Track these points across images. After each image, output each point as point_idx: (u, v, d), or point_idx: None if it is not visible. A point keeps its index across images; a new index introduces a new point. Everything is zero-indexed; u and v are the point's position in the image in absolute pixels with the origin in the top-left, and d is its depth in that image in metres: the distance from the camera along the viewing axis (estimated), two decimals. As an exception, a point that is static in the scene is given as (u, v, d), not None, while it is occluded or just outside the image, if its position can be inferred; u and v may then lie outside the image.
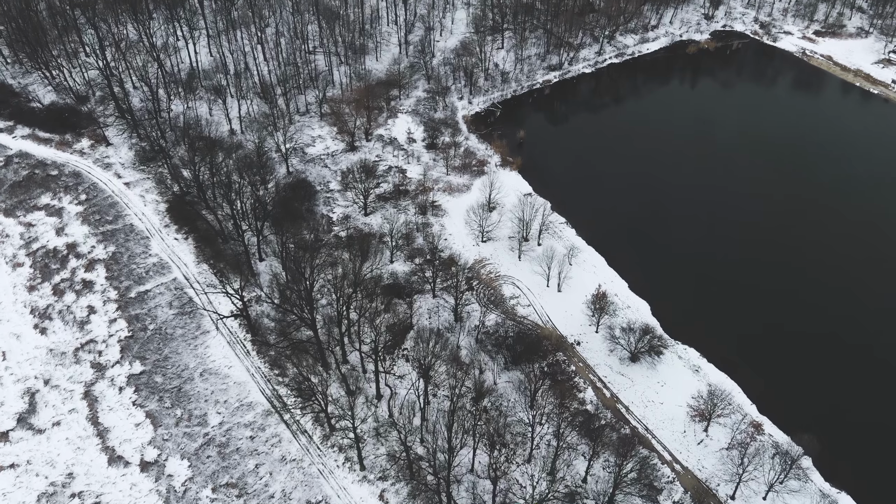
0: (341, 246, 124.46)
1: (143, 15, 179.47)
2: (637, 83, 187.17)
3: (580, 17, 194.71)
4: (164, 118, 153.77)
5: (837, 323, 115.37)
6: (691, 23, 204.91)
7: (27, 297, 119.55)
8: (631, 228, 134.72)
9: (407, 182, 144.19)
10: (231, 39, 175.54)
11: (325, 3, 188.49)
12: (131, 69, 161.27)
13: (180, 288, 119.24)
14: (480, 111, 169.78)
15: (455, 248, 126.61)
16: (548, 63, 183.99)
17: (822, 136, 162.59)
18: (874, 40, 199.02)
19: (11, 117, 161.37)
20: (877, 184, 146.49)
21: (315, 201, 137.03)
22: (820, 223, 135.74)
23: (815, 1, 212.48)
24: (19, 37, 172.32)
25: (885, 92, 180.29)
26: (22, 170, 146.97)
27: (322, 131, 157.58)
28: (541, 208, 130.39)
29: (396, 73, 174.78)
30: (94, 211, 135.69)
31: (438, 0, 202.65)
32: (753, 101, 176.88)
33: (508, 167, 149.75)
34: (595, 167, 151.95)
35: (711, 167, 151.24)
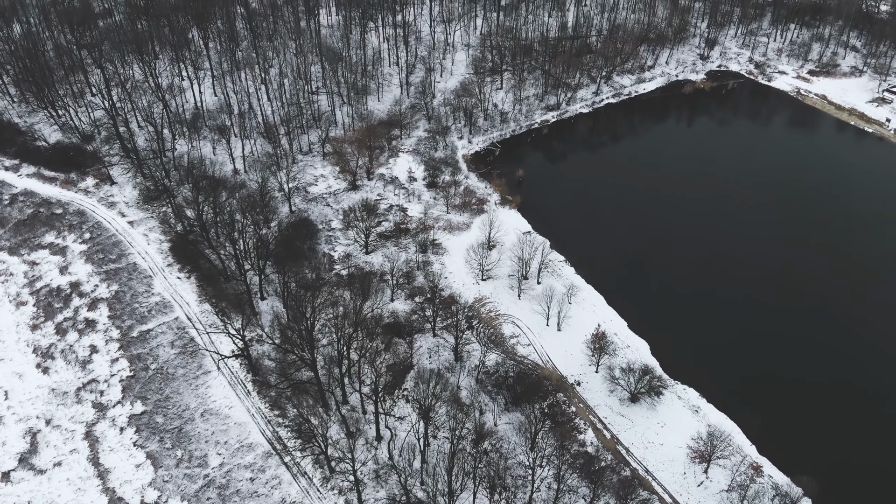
0: (342, 284, 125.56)
1: (149, 56, 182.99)
2: (634, 122, 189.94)
3: (577, 58, 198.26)
4: (169, 158, 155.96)
5: (837, 363, 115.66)
6: (687, 63, 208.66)
7: (30, 335, 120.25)
8: (629, 267, 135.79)
9: (408, 220, 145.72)
10: (235, 80, 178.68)
11: (328, 44, 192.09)
12: (137, 110, 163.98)
13: (182, 327, 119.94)
14: (480, 150, 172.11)
15: (455, 287, 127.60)
16: (546, 103, 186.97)
17: (819, 175, 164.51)
18: (868, 79, 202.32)
19: (17, 156, 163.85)
20: (875, 222, 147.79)
21: (317, 240, 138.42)
22: (818, 261, 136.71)
23: (810, 41, 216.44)
24: (26, 76, 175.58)
25: (880, 130, 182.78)
26: (27, 208, 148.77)
27: (324, 170, 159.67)
28: (540, 247, 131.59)
29: (398, 113, 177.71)
30: (98, 249, 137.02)
31: (439, 42, 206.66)
32: (750, 140, 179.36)
33: (508, 205, 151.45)
34: (593, 205, 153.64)
35: (709, 205, 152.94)
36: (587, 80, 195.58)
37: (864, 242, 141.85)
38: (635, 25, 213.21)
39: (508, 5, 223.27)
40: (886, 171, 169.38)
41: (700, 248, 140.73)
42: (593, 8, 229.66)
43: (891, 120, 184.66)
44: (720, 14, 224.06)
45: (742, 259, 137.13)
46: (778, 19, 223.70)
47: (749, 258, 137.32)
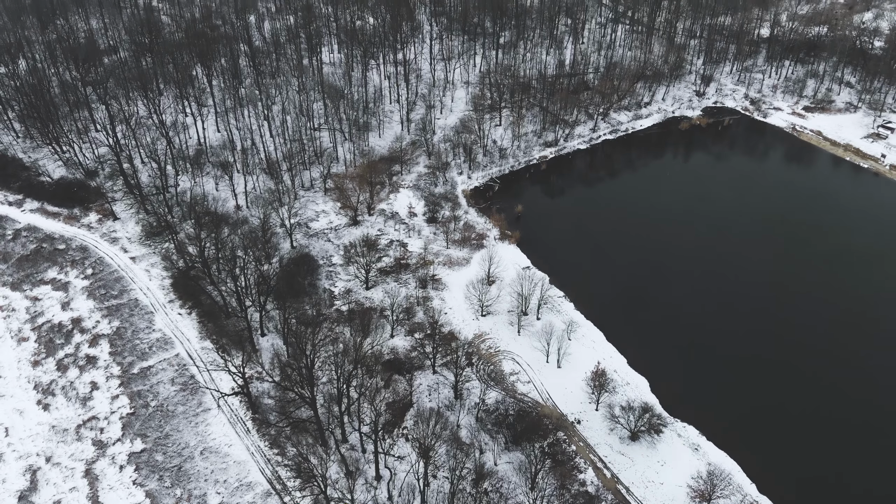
0: (342, 320, 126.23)
1: (153, 93, 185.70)
2: (631, 158, 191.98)
3: (575, 95, 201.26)
4: (172, 194, 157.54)
5: (836, 399, 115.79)
6: (683, 99, 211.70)
7: (31, 372, 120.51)
8: (628, 302, 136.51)
9: (408, 256, 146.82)
10: (238, 117, 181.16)
11: (330, 82, 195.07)
12: (140, 146, 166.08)
13: (183, 364, 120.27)
14: (479, 186, 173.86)
15: (455, 323, 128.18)
16: (544, 139, 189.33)
17: (816, 210, 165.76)
18: (863, 115, 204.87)
19: (21, 191, 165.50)
20: (873, 258, 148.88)
21: (318, 275, 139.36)
22: (816, 297, 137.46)
23: (804, 77, 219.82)
24: (31, 112, 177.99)
25: (875, 166, 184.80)
26: (30, 243, 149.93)
27: (326, 206, 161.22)
28: (539, 282, 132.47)
29: (398, 149, 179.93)
30: (100, 285, 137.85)
31: (439, 80, 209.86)
32: (746, 176, 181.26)
33: (507, 240, 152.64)
34: (592, 240, 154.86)
35: (707, 240, 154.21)
36: (584, 117, 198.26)
37: (863, 278, 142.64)
38: (632, 63, 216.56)
39: (507, 44, 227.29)
40: (883, 206, 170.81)
41: (698, 283, 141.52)
42: (590, 46, 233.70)
43: (886, 155, 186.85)
44: (715, 51, 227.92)
45: (740, 294, 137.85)
46: (773, 56, 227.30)
47: (747, 293, 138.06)
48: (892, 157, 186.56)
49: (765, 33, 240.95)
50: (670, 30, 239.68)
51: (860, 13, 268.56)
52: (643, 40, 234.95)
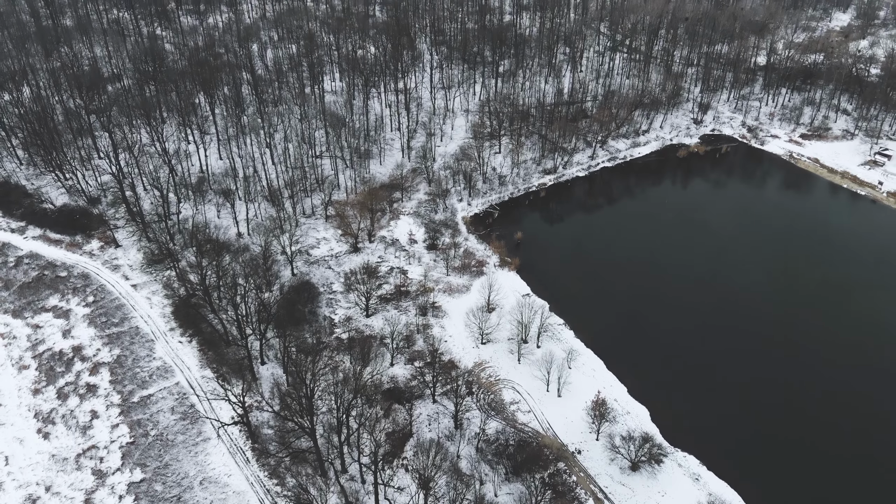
0: (343, 349, 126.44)
1: (157, 121, 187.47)
2: (630, 185, 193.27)
3: (573, 123, 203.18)
4: (174, 221, 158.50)
5: (839, 428, 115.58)
6: (681, 127, 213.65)
7: (31, 400, 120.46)
8: (628, 330, 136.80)
9: (408, 283, 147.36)
10: (241, 145, 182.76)
11: (331, 110, 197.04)
12: (143, 174, 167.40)
13: (183, 393, 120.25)
14: (479, 213, 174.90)
15: (455, 351, 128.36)
16: (543, 167, 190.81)
17: (815, 238, 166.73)
18: (860, 142, 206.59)
19: (24, 218, 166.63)
20: (873, 285, 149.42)
21: (318, 303, 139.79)
22: (816, 324, 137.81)
23: (801, 105, 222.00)
24: (35, 140, 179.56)
25: (873, 193, 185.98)
26: (32, 271, 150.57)
27: (327, 233, 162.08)
28: (539, 310, 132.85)
29: (399, 176, 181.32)
30: (101, 313, 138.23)
31: (439, 108, 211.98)
32: (744, 203, 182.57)
33: (507, 267, 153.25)
34: (591, 267, 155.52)
35: (706, 267, 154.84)
36: (583, 145, 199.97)
37: (864, 306, 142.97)
38: (630, 91, 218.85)
39: (506, 72, 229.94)
40: (881, 233, 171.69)
41: (698, 310, 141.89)
42: (588, 74, 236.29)
43: (883, 182, 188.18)
44: (713, 80, 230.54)
45: (740, 322, 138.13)
46: (769, 84, 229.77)
47: (747, 321, 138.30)
48: (889, 184, 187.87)
49: (761, 61, 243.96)
50: (668, 58, 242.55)
51: (856, 41, 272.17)
52: (641, 69, 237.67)
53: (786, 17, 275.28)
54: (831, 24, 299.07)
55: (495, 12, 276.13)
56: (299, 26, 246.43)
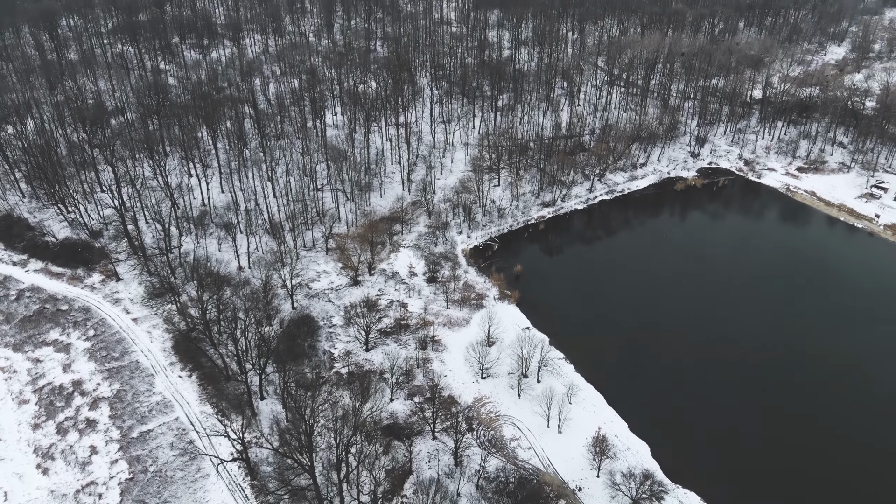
0: (342, 384, 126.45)
1: (159, 154, 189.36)
2: (628, 217, 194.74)
3: (571, 156, 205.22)
4: (175, 254, 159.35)
5: (842, 463, 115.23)
6: (678, 160, 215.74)
7: (31, 435, 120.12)
8: (628, 363, 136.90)
9: (408, 316, 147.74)
10: (243, 178, 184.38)
11: (333, 144, 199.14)
12: (145, 208, 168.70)
13: (182, 428, 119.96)
14: (479, 245, 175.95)
15: (455, 386, 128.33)
16: (542, 199, 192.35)
17: (813, 270, 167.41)
18: (856, 175, 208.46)
19: (26, 251, 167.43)
20: (872, 318, 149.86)
21: (318, 337, 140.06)
22: (816, 358, 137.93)
23: (797, 138, 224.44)
24: (38, 173, 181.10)
25: (870, 226, 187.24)
26: (33, 304, 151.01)
27: (327, 266, 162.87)
28: (539, 344, 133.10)
29: (399, 209, 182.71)
30: (102, 347, 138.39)
31: (439, 141, 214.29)
32: (743, 236, 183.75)
33: (506, 300, 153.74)
34: (591, 300, 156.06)
35: (705, 300, 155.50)
36: (581, 178, 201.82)
37: (863, 339, 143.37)
38: (627, 125, 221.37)
39: (505, 106, 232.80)
40: (880, 266, 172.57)
41: (698, 344, 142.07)
42: (586, 108, 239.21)
43: (880, 216, 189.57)
44: (709, 113, 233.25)
45: (740, 356, 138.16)
46: (765, 117, 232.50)
47: (747, 354, 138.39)
48: (886, 216, 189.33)
49: (757, 95, 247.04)
50: (664, 92, 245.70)
51: (851, 74, 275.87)
52: (638, 102, 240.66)
53: (781, 51, 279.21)
54: (826, 57, 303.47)
55: (494, 48, 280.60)
56: (301, 61, 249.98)
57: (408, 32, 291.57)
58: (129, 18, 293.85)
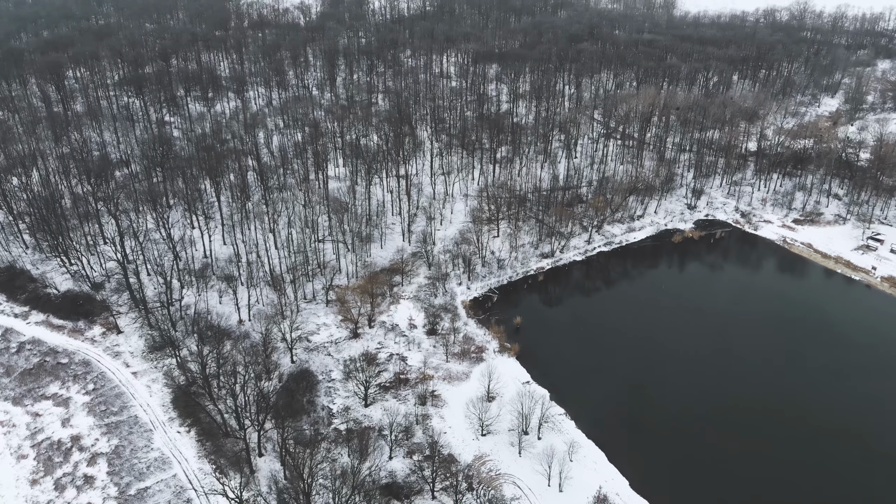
0: (341, 440, 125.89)
1: (162, 207, 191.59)
2: (627, 269, 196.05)
3: (569, 208, 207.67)
4: (176, 307, 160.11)
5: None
6: (675, 212, 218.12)
7: (29, 491, 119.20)
8: (629, 418, 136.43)
9: (407, 370, 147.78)
10: (245, 230, 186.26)
11: (335, 196, 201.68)
12: (147, 261, 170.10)
13: (180, 486, 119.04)
14: (478, 296, 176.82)
15: (454, 444, 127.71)
16: (540, 251, 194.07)
17: (811, 323, 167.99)
18: (852, 227, 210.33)
19: (27, 303, 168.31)
20: (871, 371, 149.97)
21: (316, 392, 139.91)
22: (817, 412, 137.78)
23: (793, 190, 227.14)
24: (42, 225, 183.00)
25: (867, 278, 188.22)
26: (33, 357, 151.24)
27: (327, 319, 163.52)
28: (540, 400, 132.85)
29: (400, 260, 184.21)
30: (101, 401, 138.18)
31: (439, 193, 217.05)
32: (741, 288, 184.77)
33: (506, 353, 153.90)
34: (590, 352, 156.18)
35: (704, 353, 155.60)
36: (579, 229, 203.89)
37: (862, 392, 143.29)
38: (624, 177, 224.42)
39: (504, 159, 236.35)
40: (878, 319, 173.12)
41: (698, 398, 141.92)
42: (583, 160, 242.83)
43: (877, 268, 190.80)
44: (705, 165, 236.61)
45: (740, 409, 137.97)
46: (761, 170, 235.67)
47: (747, 409, 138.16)
48: (883, 268, 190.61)
49: (752, 147, 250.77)
50: (660, 145, 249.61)
51: (845, 125, 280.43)
52: (634, 155, 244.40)
53: (775, 103, 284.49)
54: (820, 109, 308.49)
55: (492, 101, 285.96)
56: (305, 114, 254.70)
57: (409, 86, 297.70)
58: (135, 71, 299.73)
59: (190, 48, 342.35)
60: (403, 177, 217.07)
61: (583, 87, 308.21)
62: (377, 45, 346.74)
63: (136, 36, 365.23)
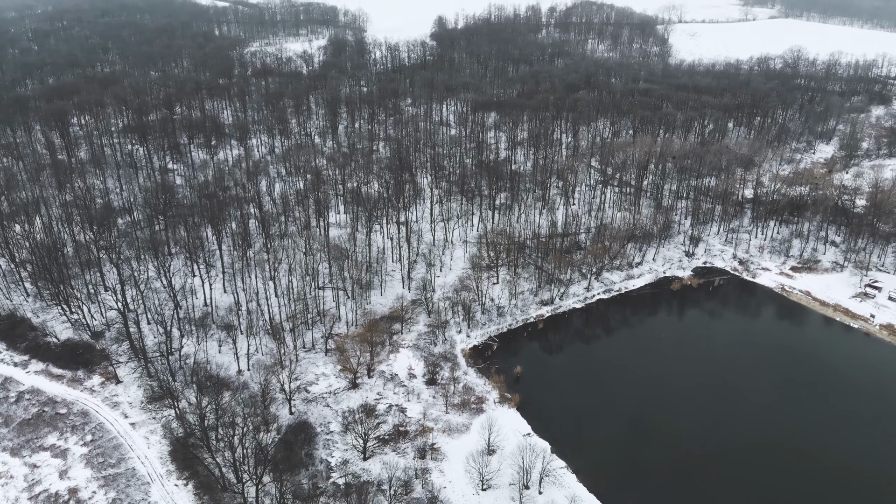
0: (339, 495, 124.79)
1: (164, 256, 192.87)
2: (626, 316, 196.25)
3: (568, 255, 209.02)
4: (176, 357, 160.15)
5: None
6: (673, 260, 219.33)
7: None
8: (631, 469, 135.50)
9: (407, 422, 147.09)
10: (245, 279, 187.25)
11: (335, 244, 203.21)
12: (148, 311, 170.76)
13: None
14: (478, 344, 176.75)
15: (454, 499, 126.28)
16: (540, 298, 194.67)
17: (811, 371, 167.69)
18: (849, 274, 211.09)
19: (27, 351, 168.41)
20: (871, 420, 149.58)
21: (315, 445, 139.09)
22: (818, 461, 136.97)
23: (790, 237, 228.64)
24: (43, 273, 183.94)
25: (866, 326, 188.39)
26: (32, 407, 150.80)
27: (326, 368, 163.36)
28: (541, 453, 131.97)
29: (399, 308, 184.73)
30: (99, 453, 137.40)
31: (439, 240, 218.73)
32: (740, 337, 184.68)
33: (507, 404, 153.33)
34: (591, 401, 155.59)
35: (705, 402, 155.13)
36: (578, 276, 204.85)
37: (863, 441, 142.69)
38: (622, 224, 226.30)
39: (502, 205, 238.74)
40: (877, 367, 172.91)
41: (698, 447, 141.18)
42: (581, 207, 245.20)
43: (875, 315, 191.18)
44: (702, 212, 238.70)
45: (741, 459, 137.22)
46: (758, 217, 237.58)
47: (749, 457, 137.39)
48: (882, 316, 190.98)
49: (749, 194, 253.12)
50: (657, 192, 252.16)
51: (840, 172, 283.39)
52: (632, 202, 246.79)
53: (770, 150, 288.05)
54: (815, 156, 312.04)
55: (491, 149, 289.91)
56: (307, 161, 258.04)
57: (409, 134, 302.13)
58: (139, 119, 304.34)
59: (194, 96, 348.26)
60: (403, 223, 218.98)
61: (580, 135, 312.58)
62: (378, 93, 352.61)
63: (140, 84, 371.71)
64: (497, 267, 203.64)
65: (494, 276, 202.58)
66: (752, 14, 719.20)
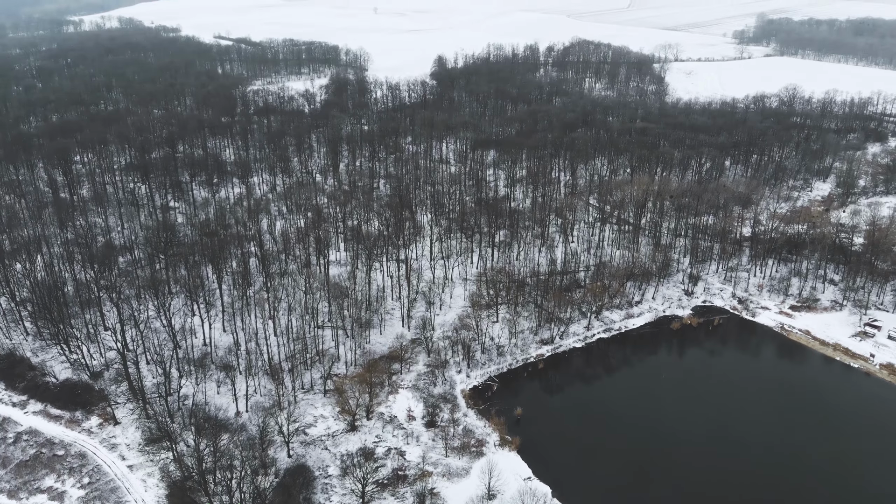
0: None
1: (164, 295, 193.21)
2: (627, 355, 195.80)
3: (567, 293, 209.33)
4: (174, 398, 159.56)
5: None
6: (673, 298, 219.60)
7: None
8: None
9: (406, 466, 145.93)
10: (245, 318, 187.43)
11: (335, 282, 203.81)
12: (147, 351, 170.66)
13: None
14: (478, 385, 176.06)
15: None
16: (540, 337, 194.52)
17: (811, 411, 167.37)
18: (849, 313, 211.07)
19: (26, 391, 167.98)
20: (873, 460, 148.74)
21: (313, 489, 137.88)
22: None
23: (788, 275, 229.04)
24: (43, 313, 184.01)
25: (866, 366, 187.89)
26: (30, 448, 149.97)
27: (324, 410, 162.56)
28: (542, 498, 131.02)
29: (399, 347, 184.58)
30: (96, 496, 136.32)
31: (438, 277, 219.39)
32: (740, 376, 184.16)
33: (507, 447, 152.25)
34: (592, 442, 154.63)
35: (706, 442, 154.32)
36: (578, 315, 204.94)
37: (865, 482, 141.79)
38: (620, 262, 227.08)
39: (502, 243, 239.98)
40: (879, 407, 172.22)
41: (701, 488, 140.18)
42: (580, 245, 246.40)
43: (875, 355, 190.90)
44: (701, 251, 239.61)
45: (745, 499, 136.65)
46: (756, 255, 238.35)
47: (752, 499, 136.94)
48: (882, 355, 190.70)
49: (747, 233, 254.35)
50: (656, 230, 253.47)
51: (837, 210, 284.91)
52: (630, 240, 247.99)
53: (767, 189, 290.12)
54: (812, 194, 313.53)
55: (490, 187, 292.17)
56: (308, 199, 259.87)
57: (409, 171, 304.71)
58: (142, 157, 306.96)
59: (196, 134, 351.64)
60: (403, 261, 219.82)
61: (578, 173, 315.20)
62: (379, 132, 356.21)
63: (143, 122, 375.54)
64: (497, 305, 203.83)
65: (494, 314, 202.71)
66: (747, 52, 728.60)
